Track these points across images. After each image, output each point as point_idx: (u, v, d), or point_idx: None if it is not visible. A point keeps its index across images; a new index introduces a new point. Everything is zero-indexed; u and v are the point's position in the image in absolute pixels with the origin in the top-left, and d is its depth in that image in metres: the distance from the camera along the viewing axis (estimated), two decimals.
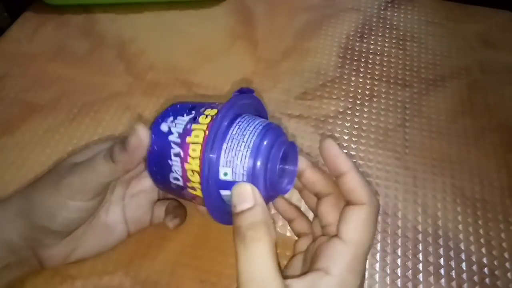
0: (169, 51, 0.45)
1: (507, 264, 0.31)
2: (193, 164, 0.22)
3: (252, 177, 0.21)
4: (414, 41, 0.47)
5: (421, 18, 0.50)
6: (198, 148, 0.22)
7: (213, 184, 0.22)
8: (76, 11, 0.48)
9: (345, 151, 0.37)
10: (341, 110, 0.40)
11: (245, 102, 0.24)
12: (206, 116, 0.23)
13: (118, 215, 0.28)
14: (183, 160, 0.23)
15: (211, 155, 0.22)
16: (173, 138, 0.23)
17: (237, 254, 0.20)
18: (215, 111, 0.23)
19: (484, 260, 0.32)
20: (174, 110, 0.25)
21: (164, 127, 0.24)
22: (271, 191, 0.23)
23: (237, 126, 0.22)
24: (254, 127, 0.22)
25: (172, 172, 0.24)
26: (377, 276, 0.31)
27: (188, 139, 0.23)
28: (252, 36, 0.47)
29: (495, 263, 0.31)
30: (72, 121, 0.38)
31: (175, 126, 0.24)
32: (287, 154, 0.24)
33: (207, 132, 0.22)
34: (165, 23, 0.48)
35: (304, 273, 0.21)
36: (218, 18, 0.49)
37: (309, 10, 0.50)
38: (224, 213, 0.23)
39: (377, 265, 0.31)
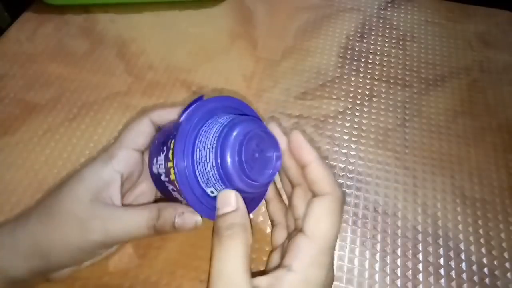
0: (169, 51, 0.45)
1: (507, 264, 0.31)
2: None
3: (228, 182, 0.22)
4: (414, 41, 0.47)
5: (421, 18, 0.50)
6: None
7: (210, 207, 0.24)
8: (76, 11, 0.48)
9: (345, 151, 0.37)
10: (341, 110, 0.40)
11: (200, 113, 0.24)
12: (172, 151, 0.24)
13: None
14: (179, 194, 0.24)
15: (190, 195, 0.23)
16: (163, 178, 0.25)
17: (212, 252, 0.21)
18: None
19: (484, 260, 0.32)
20: (154, 149, 0.26)
21: (154, 169, 0.25)
22: (252, 182, 0.23)
23: (198, 149, 0.23)
24: (212, 139, 0.22)
25: (181, 201, 0.25)
26: (377, 276, 0.31)
27: (171, 177, 0.24)
28: (252, 36, 0.47)
29: (495, 263, 0.31)
30: (72, 121, 0.38)
31: (159, 167, 0.25)
32: (260, 140, 0.23)
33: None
34: (165, 23, 0.48)
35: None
36: (218, 18, 0.49)
37: (309, 10, 0.50)
38: None
39: (377, 265, 0.31)
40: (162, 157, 0.24)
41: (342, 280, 0.31)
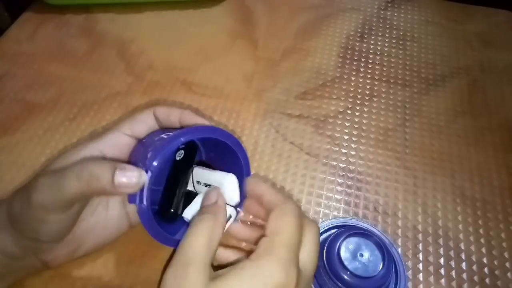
0: (169, 51, 0.45)
1: (507, 264, 0.31)
2: None
3: None
4: (414, 41, 0.47)
5: (421, 18, 0.50)
6: None
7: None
8: (76, 11, 0.48)
9: (345, 151, 0.37)
10: (341, 110, 0.40)
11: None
12: None
13: (118, 210, 0.28)
14: None
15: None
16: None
17: None
18: None
19: (484, 260, 0.32)
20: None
21: None
22: None
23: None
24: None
25: None
26: None
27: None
28: (252, 35, 0.47)
29: (495, 263, 0.32)
30: (72, 121, 0.38)
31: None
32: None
33: None
34: (165, 23, 0.48)
35: None
36: (218, 18, 0.49)
37: (309, 10, 0.50)
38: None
39: None
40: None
41: None
